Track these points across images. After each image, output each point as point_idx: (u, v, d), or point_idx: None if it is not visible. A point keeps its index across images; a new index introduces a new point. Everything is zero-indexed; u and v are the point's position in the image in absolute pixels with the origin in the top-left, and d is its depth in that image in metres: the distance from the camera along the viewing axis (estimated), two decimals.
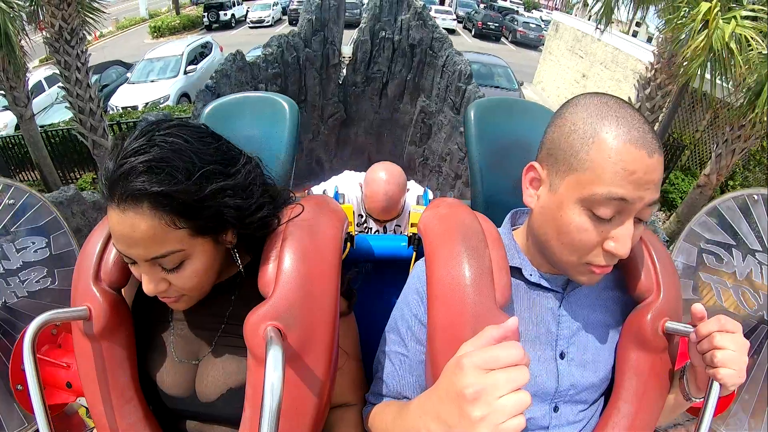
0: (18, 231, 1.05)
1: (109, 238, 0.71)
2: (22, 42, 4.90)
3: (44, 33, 4.84)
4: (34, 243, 1.06)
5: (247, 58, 4.60)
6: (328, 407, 0.66)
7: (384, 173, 1.51)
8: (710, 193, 5.19)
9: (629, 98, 5.65)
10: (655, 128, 5.68)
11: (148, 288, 0.62)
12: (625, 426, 0.67)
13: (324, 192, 1.75)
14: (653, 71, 5.24)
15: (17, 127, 6.19)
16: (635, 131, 0.56)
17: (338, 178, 1.87)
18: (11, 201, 1.05)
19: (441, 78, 4.78)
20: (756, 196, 1.07)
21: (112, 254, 0.70)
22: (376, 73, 5.06)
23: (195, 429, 0.73)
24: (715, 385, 0.58)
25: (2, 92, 5.14)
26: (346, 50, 5.21)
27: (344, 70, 5.21)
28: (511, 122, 0.91)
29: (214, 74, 4.34)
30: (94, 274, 0.69)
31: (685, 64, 4.42)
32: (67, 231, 1.11)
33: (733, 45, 4.01)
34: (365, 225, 1.77)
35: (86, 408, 0.96)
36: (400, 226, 1.79)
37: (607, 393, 0.73)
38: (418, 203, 1.64)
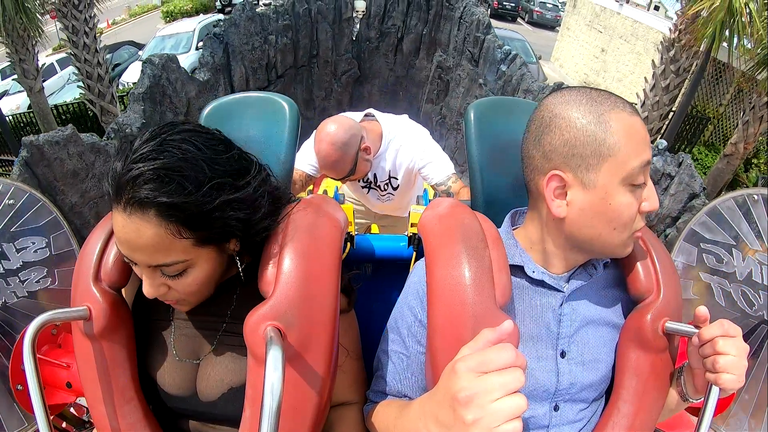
0: (18, 231, 1.05)
1: (109, 238, 0.71)
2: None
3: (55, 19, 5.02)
4: (34, 243, 1.06)
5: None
6: (328, 407, 0.66)
7: (323, 131, 1.33)
8: (737, 163, 5.10)
9: (653, 61, 5.54)
10: (679, 98, 5.51)
11: (147, 291, 0.63)
12: (625, 426, 0.67)
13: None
14: (677, 32, 5.13)
15: (29, 108, 6.28)
16: (621, 102, 0.62)
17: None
18: (11, 201, 1.05)
19: (458, 30, 4.59)
20: (756, 196, 1.07)
21: (112, 254, 0.70)
22: (391, 28, 4.85)
23: (196, 429, 0.73)
24: (715, 387, 0.58)
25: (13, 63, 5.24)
26: (360, 4, 4.95)
27: (358, 25, 4.97)
28: (511, 122, 0.91)
29: (222, 23, 4.11)
30: (94, 274, 0.69)
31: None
32: (67, 231, 1.11)
33: (752, 5, 3.93)
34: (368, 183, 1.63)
35: (86, 408, 0.96)
36: (369, 181, 1.60)
37: (608, 392, 0.73)
38: (418, 203, 1.62)
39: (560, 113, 0.62)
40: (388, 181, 1.60)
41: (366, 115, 1.54)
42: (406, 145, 1.50)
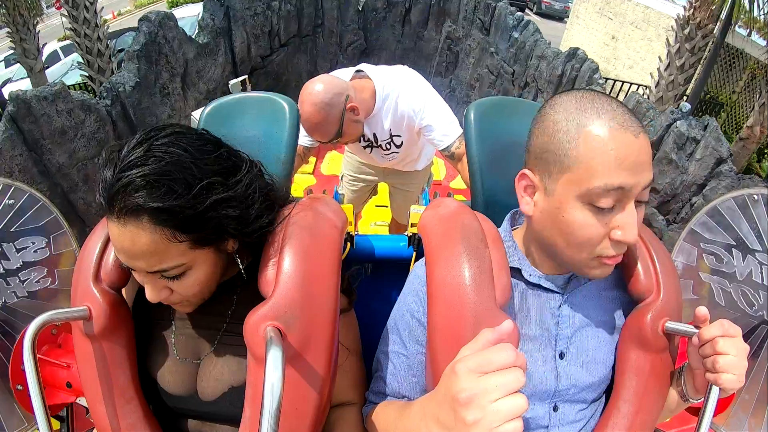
0: (18, 231, 1.05)
1: (109, 238, 0.71)
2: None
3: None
4: (34, 243, 1.06)
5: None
6: (328, 407, 0.66)
7: (305, 92, 1.25)
8: (753, 147, 4.98)
9: (667, 40, 5.46)
10: (692, 83, 5.40)
11: (151, 296, 0.63)
12: (625, 426, 0.67)
13: None
14: (692, 9, 5.06)
15: None
16: (617, 116, 0.56)
17: None
18: (11, 201, 1.05)
19: None
20: (756, 196, 1.07)
21: (112, 254, 0.70)
22: None
23: (196, 428, 0.73)
24: (715, 387, 0.58)
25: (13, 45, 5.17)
26: None
27: None
28: (511, 122, 0.91)
29: None
30: (94, 274, 0.69)
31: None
32: (67, 231, 1.11)
33: None
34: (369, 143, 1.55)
35: (86, 408, 0.96)
36: (370, 141, 1.51)
37: (607, 392, 0.73)
38: (418, 203, 1.61)
39: (549, 115, 0.61)
40: (389, 140, 1.51)
41: (357, 72, 1.42)
42: (403, 98, 1.39)
